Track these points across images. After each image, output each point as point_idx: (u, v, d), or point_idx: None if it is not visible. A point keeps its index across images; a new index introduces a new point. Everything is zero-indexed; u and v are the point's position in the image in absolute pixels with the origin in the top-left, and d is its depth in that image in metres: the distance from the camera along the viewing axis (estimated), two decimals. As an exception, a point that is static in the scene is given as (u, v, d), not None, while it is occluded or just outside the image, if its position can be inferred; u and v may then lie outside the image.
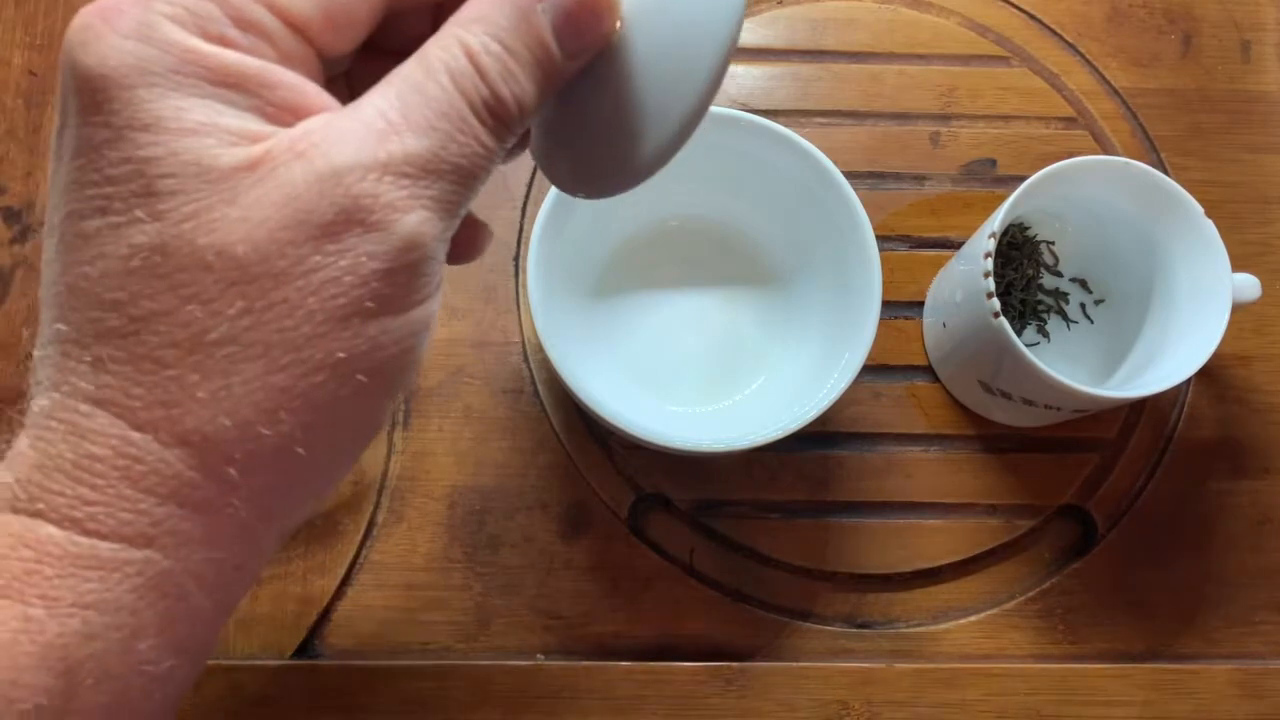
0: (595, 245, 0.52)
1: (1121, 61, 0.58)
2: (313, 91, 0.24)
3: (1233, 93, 0.57)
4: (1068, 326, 0.54)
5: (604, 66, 0.27)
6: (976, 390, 0.51)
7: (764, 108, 0.56)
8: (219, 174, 0.22)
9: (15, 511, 0.23)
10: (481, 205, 0.53)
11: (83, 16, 0.23)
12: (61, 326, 0.23)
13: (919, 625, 0.50)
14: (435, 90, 0.24)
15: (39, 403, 0.23)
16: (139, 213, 0.22)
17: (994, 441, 0.53)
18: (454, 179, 0.24)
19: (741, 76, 0.56)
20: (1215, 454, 0.53)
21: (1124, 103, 0.57)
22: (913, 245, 0.55)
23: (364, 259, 0.23)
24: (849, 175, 0.46)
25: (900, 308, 0.54)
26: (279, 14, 0.24)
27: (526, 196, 0.54)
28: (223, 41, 0.23)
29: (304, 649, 0.48)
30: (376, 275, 0.23)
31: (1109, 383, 0.51)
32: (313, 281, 0.22)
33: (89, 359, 0.23)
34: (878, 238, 0.46)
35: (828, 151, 0.47)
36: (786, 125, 0.47)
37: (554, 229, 0.46)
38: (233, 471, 0.23)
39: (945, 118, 0.57)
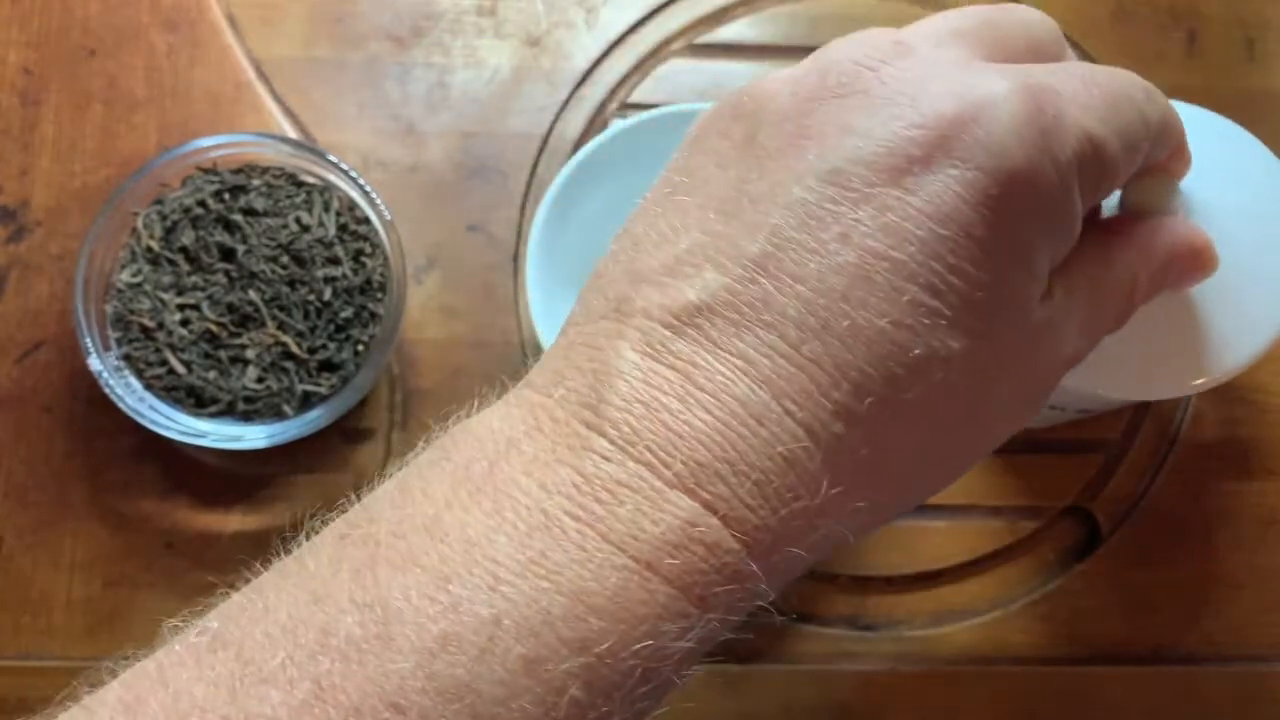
0: (596, 245, 0.51)
1: (1126, 59, 0.57)
2: None
3: (1238, 91, 0.57)
4: (1071, 326, 0.53)
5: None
6: (979, 391, 0.51)
7: (765, 106, 0.56)
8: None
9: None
10: (480, 204, 0.53)
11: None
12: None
13: (921, 628, 0.50)
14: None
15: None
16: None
17: (997, 442, 0.52)
18: None
19: (737, 75, 0.56)
20: (1220, 455, 0.52)
21: (1128, 100, 0.57)
22: (915, 244, 0.55)
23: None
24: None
25: (902, 307, 0.54)
26: None
27: (526, 195, 0.54)
28: None
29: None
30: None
31: (1113, 383, 0.51)
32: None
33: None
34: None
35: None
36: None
37: (553, 229, 0.46)
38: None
39: (948, 116, 0.56)
